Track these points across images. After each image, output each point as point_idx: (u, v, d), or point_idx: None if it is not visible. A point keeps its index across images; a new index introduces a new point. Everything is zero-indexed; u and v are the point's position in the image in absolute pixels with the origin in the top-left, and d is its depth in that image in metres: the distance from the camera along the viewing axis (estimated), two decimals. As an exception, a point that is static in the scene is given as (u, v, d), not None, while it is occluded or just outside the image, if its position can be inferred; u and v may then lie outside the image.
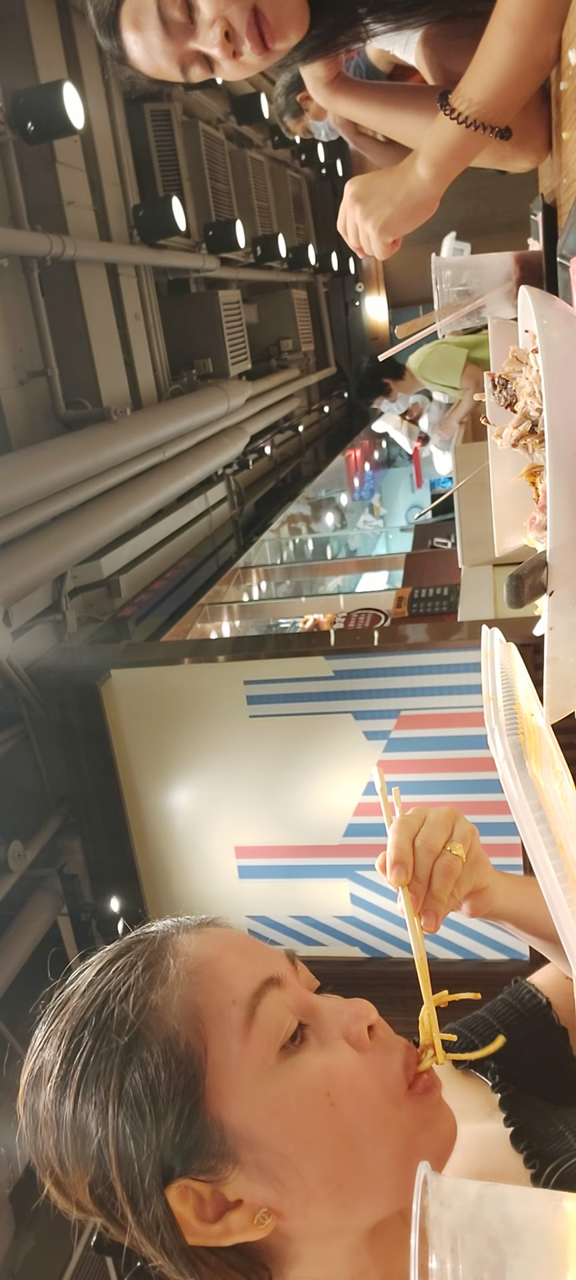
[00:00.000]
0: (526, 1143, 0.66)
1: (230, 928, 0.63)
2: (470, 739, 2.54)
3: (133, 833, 2.94)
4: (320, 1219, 0.54)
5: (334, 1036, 0.57)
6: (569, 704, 0.63)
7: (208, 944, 0.59)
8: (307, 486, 6.11)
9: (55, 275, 3.49)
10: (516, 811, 0.62)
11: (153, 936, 0.60)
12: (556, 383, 0.56)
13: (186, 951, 0.58)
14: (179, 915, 0.65)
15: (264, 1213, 0.53)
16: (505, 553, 0.80)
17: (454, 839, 0.71)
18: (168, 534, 4.10)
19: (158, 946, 0.59)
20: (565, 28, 0.90)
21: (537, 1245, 0.44)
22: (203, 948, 0.59)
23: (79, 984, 0.59)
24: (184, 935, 0.60)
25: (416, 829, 0.70)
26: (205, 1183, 0.53)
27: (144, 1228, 0.53)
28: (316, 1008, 0.59)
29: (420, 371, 3.69)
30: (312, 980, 0.62)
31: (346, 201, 1.14)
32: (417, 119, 1.14)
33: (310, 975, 0.63)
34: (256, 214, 6.16)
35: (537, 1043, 0.77)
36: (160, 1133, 0.52)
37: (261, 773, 2.79)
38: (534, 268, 1.15)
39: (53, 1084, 0.55)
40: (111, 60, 1.02)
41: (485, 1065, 0.74)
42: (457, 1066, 0.75)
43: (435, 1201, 0.45)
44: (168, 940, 0.59)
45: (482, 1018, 0.80)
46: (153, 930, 0.61)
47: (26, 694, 2.85)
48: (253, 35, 0.94)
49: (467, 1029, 0.79)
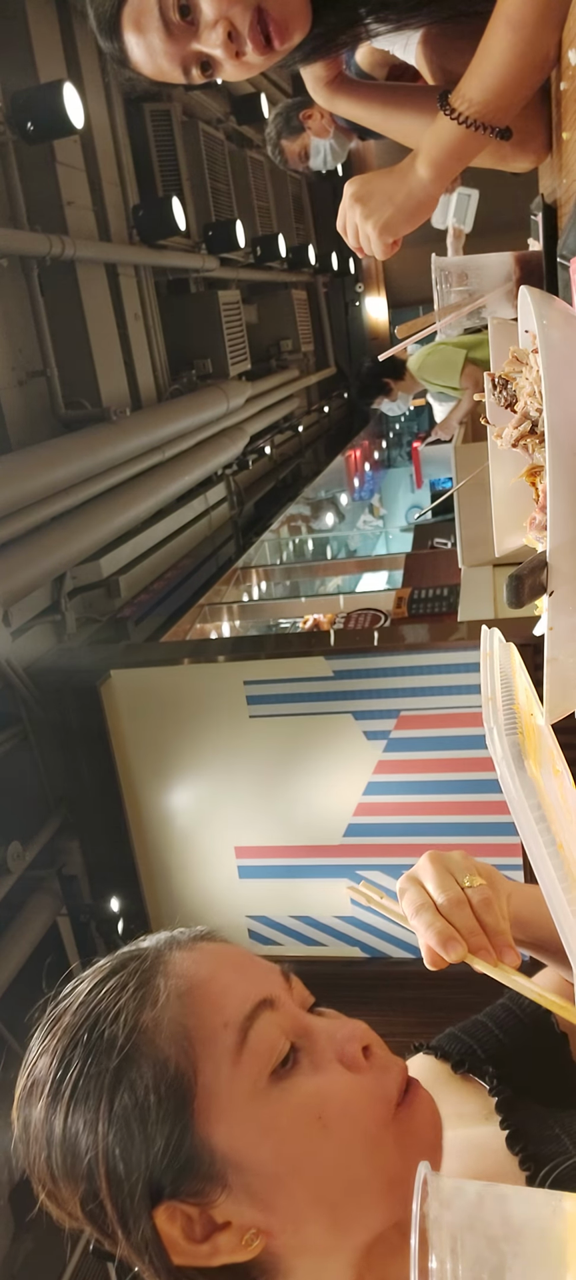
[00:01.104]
0: (522, 1145, 0.65)
1: (225, 941, 0.63)
2: (470, 739, 2.54)
3: (132, 833, 2.94)
4: (313, 1238, 0.55)
5: (327, 1059, 0.57)
6: (569, 704, 0.63)
7: (200, 963, 0.59)
8: (307, 486, 6.10)
9: (55, 275, 3.49)
10: (515, 811, 0.61)
11: (145, 954, 0.60)
12: (556, 383, 0.56)
13: (178, 971, 0.58)
14: (175, 927, 0.64)
15: (252, 1234, 0.53)
16: (505, 553, 0.80)
17: (461, 875, 0.70)
18: (167, 534, 4.09)
19: (150, 965, 0.59)
20: (565, 28, 0.90)
21: (537, 1245, 0.44)
22: (195, 967, 0.58)
23: (71, 1001, 0.60)
24: (177, 953, 0.60)
25: (433, 900, 0.69)
26: (194, 1205, 0.53)
27: (133, 1246, 0.54)
28: (310, 1028, 0.58)
29: (419, 373, 3.69)
30: (307, 997, 0.62)
31: (346, 202, 1.14)
32: (417, 119, 1.14)
33: (305, 991, 0.62)
34: (256, 214, 6.16)
35: (537, 1048, 0.77)
36: (149, 1155, 0.53)
37: (261, 773, 2.79)
38: (534, 268, 1.15)
39: (44, 1101, 0.56)
40: (112, 62, 1.02)
41: (483, 1069, 0.74)
42: (455, 1071, 0.75)
43: (435, 1202, 0.45)
44: (160, 959, 0.59)
45: (482, 1022, 0.80)
46: (146, 946, 0.62)
47: (26, 694, 2.85)
48: (255, 35, 0.94)
49: (467, 1034, 0.79)
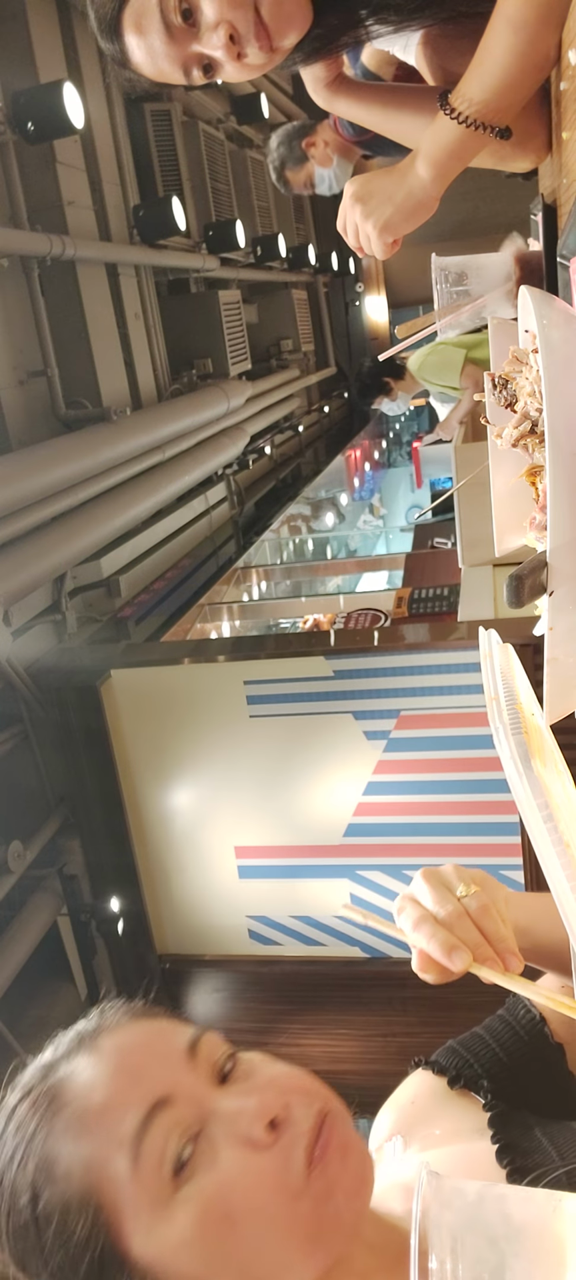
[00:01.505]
0: (510, 1158, 0.65)
1: (123, 1025, 0.62)
2: (470, 739, 2.54)
3: (132, 833, 2.94)
4: None
5: (230, 1143, 0.54)
6: (569, 704, 0.63)
7: (97, 1074, 0.58)
8: (307, 486, 6.10)
9: (55, 275, 3.49)
10: (523, 810, 0.62)
11: (44, 1085, 0.59)
12: (556, 383, 0.56)
13: (75, 1092, 0.57)
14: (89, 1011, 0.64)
15: None
16: (505, 553, 0.80)
17: (456, 886, 0.70)
18: (167, 534, 4.10)
19: (49, 1093, 0.58)
20: (565, 28, 0.90)
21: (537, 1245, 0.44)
22: (89, 1085, 0.57)
23: None
24: (75, 1066, 0.59)
25: (431, 913, 0.68)
26: None
27: None
28: (212, 1112, 0.56)
29: (419, 373, 3.69)
30: (219, 1060, 0.59)
31: (346, 201, 1.14)
32: (417, 119, 1.14)
33: (217, 1051, 0.60)
34: (256, 214, 6.16)
35: (534, 1060, 0.76)
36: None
37: (261, 773, 2.79)
38: (534, 268, 1.15)
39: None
40: (113, 64, 1.02)
41: (479, 1084, 0.73)
42: (452, 1086, 0.75)
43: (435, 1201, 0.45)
44: (57, 1087, 0.59)
45: (480, 1035, 0.80)
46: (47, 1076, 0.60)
47: (26, 694, 2.85)
48: (260, 36, 0.94)
49: (464, 1048, 0.79)
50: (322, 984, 2.97)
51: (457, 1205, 0.45)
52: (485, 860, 2.64)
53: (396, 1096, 0.78)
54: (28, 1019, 2.82)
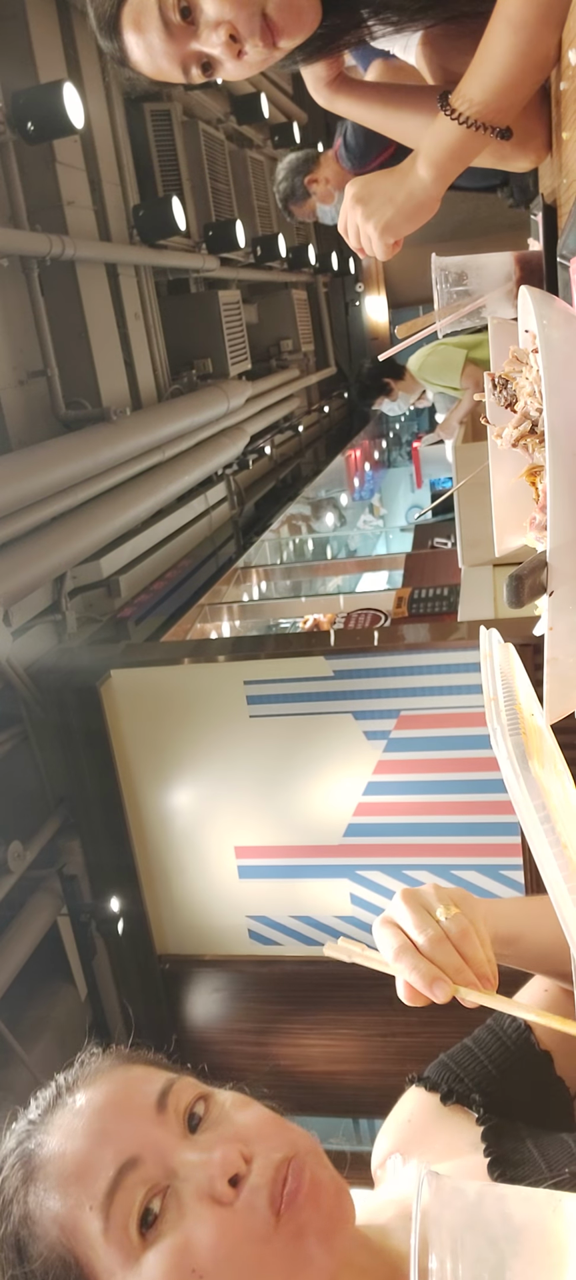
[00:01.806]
0: (500, 1171, 0.66)
1: (98, 1079, 0.63)
2: (470, 739, 2.54)
3: (132, 833, 2.94)
4: None
5: (196, 1197, 0.56)
6: (569, 704, 0.63)
7: (70, 1135, 0.59)
8: (307, 486, 6.10)
9: (55, 275, 3.49)
10: (520, 811, 0.62)
11: (26, 1147, 0.61)
12: (556, 383, 0.56)
13: (51, 1154, 0.59)
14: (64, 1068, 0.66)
15: None
16: (505, 553, 0.80)
17: (435, 908, 0.70)
18: (167, 534, 4.09)
19: (29, 1155, 0.60)
20: (565, 28, 0.90)
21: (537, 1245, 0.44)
22: (64, 1145, 0.59)
23: None
24: (53, 1124, 0.61)
25: (411, 940, 0.69)
26: None
27: None
28: (182, 1166, 0.57)
29: (420, 373, 3.69)
30: (192, 1102, 0.61)
31: (347, 203, 1.14)
32: (418, 119, 1.14)
33: (189, 1096, 0.61)
34: (256, 214, 6.16)
35: (522, 1069, 0.77)
36: None
37: (261, 773, 2.79)
38: (534, 268, 1.15)
39: None
40: (112, 62, 1.02)
41: (471, 1098, 0.74)
42: (445, 1103, 0.76)
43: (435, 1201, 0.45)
44: (36, 1148, 0.60)
45: (468, 1047, 0.81)
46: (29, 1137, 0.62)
47: (26, 694, 2.85)
48: (265, 35, 0.94)
49: (454, 1061, 0.79)
50: (322, 984, 2.97)
51: (457, 1205, 0.45)
52: (485, 860, 2.64)
53: (394, 1115, 0.80)
54: (28, 1019, 2.82)
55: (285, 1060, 3.15)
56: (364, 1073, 3.08)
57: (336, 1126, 3.58)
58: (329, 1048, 3.07)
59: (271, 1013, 3.10)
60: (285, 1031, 3.13)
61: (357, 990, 2.89)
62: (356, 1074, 3.10)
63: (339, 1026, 3.02)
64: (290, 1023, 3.10)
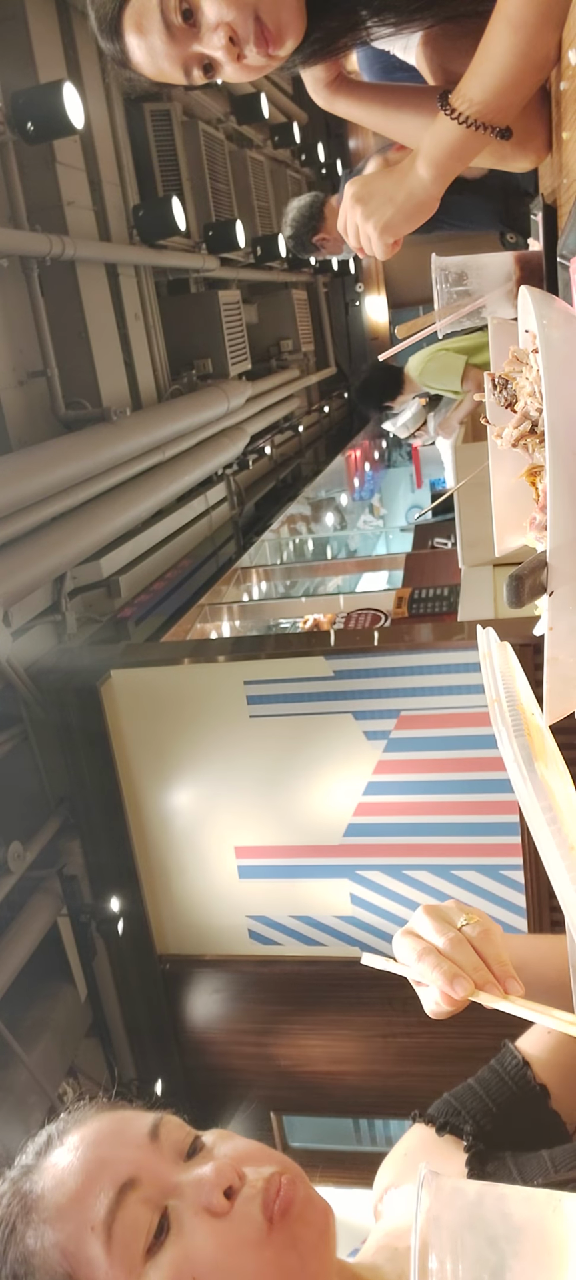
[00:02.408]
0: None
1: (88, 1120, 0.64)
2: (470, 739, 2.54)
3: (132, 833, 2.94)
4: None
5: (193, 1213, 0.58)
6: (569, 704, 0.63)
7: (67, 1166, 0.61)
8: (307, 486, 6.11)
9: (55, 275, 3.49)
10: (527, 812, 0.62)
11: (21, 1186, 0.62)
12: (556, 383, 0.56)
13: (49, 1186, 0.60)
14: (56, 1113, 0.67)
15: None
16: (505, 553, 0.80)
17: (457, 918, 0.72)
18: (167, 534, 4.10)
19: (25, 1192, 0.61)
20: (565, 28, 0.90)
21: (537, 1245, 0.44)
22: (62, 1176, 0.60)
23: None
24: (48, 1162, 0.62)
25: (434, 945, 0.70)
26: None
27: None
28: (178, 1186, 0.59)
29: (420, 378, 3.68)
30: (182, 1138, 0.63)
31: (347, 202, 1.14)
32: (417, 119, 1.14)
33: (180, 1131, 0.63)
34: (256, 214, 6.16)
35: (519, 1103, 0.79)
36: None
37: (261, 773, 2.79)
38: (534, 268, 1.15)
39: None
40: (113, 64, 1.02)
41: (462, 1128, 0.76)
42: (440, 1134, 0.77)
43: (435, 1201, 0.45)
44: (32, 1184, 0.61)
45: (470, 1085, 0.82)
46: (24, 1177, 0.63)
47: (26, 694, 2.85)
48: (259, 39, 0.94)
49: (455, 1098, 0.81)
50: (322, 984, 2.97)
51: (458, 1205, 0.45)
52: (485, 860, 2.64)
53: (393, 1151, 0.82)
54: (28, 1019, 2.83)
55: (285, 1060, 3.15)
56: (364, 1073, 3.08)
57: (336, 1126, 3.58)
58: (329, 1048, 3.07)
59: (271, 1013, 3.10)
60: (285, 1031, 3.13)
61: (357, 990, 2.89)
62: (356, 1074, 3.10)
63: (339, 1026, 3.02)
64: (290, 1023, 3.10)
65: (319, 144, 7.79)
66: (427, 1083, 2.71)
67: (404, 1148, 0.80)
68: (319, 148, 7.75)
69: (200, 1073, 3.24)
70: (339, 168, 8.30)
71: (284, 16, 0.96)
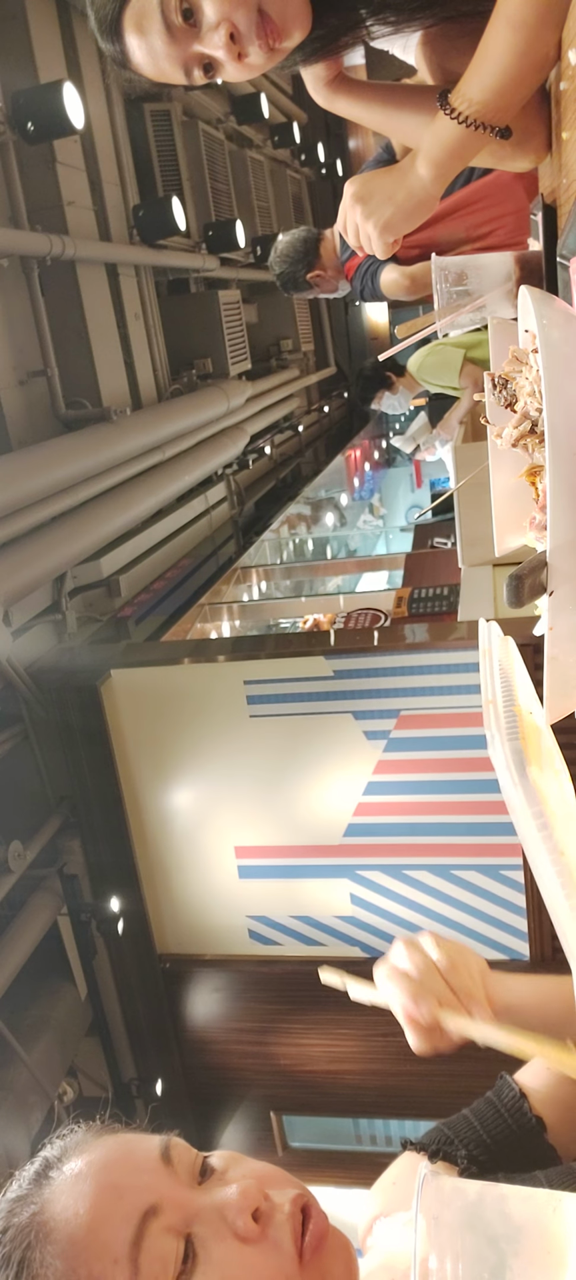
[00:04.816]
0: None
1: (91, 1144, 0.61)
2: (470, 739, 2.54)
3: (133, 833, 2.94)
4: None
5: (220, 1238, 0.55)
6: (569, 704, 0.63)
7: (77, 1199, 0.56)
8: (307, 486, 6.11)
9: (55, 275, 3.49)
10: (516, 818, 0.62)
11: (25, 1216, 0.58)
12: (556, 383, 0.56)
13: (61, 1218, 0.56)
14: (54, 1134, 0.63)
15: None
16: (505, 553, 0.80)
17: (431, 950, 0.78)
18: (167, 534, 4.10)
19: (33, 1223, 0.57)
20: (565, 28, 0.90)
21: (537, 1245, 0.44)
22: (71, 1211, 0.56)
23: None
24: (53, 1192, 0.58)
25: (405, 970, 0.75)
26: None
27: None
28: (200, 1210, 0.57)
29: (419, 373, 3.69)
30: (194, 1161, 0.60)
31: (347, 201, 1.14)
32: (417, 119, 1.14)
33: (190, 1156, 0.60)
34: (256, 214, 6.16)
35: (514, 1135, 0.78)
36: None
37: (261, 773, 2.79)
38: (534, 268, 1.15)
39: None
40: (113, 64, 1.02)
41: (456, 1156, 0.75)
42: (433, 1160, 0.77)
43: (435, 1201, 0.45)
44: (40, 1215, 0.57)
45: (465, 1115, 0.82)
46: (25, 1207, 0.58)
47: (26, 694, 2.85)
48: (261, 34, 0.94)
49: (448, 1126, 0.80)
50: (322, 984, 2.97)
51: (458, 1205, 0.45)
52: (485, 860, 2.64)
53: (382, 1180, 0.80)
54: (28, 1019, 2.83)
55: (285, 1060, 3.15)
56: (364, 1073, 3.08)
57: (336, 1126, 3.58)
58: (329, 1048, 3.07)
59: (271, 1013, 3.10)
60: (285, 1031, 3.13)
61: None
62: (356, 1074, 3.10)
63: (339, 1026, 3.02)
64: (290, 1023, 3.10)
65: (319, 144, 7.79)
66: (427, 1083, 2.71)
67: (392, 1176, 0.79)
68: (319, 148, 7.75)
69: (200, 1072, 3.24)
70: (339, 168, 8.31)
71: (290, 10, 0.96)
